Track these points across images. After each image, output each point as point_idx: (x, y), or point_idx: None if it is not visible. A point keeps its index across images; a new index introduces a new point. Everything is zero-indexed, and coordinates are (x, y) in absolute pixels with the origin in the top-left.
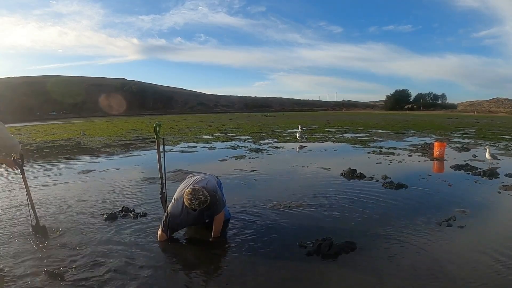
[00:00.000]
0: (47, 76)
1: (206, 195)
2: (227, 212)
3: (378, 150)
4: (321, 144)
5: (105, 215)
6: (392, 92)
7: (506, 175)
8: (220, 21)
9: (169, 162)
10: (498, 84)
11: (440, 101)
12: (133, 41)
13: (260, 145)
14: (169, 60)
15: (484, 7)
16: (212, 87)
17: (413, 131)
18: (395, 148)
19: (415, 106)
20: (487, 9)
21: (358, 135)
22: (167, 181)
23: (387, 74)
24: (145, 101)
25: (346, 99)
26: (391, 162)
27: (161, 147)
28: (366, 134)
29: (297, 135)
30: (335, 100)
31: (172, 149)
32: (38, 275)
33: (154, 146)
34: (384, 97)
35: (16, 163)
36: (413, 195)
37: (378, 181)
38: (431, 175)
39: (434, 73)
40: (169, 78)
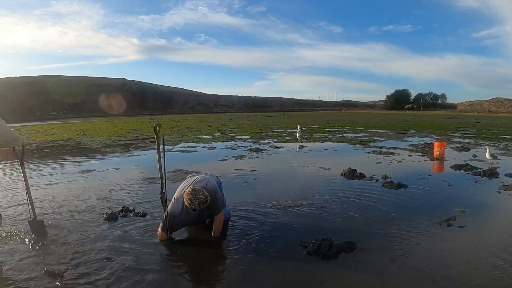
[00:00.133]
0: (47, 76)
1: (206, 195)
2: (227, 212)
3: (378, 150)
4: (321, 144)
5: (105, 215)
6: (392, 92)
7: (506, 175)
8: (220, 21)
9: (169, 162)
10: (498, 84)
11: (440, 101)
12: (133, 41)
13: (260, 145)
14: (169, 60)
15: (484, 7)
16: (212, 87)
17: (413, 131)
18: (395, 148)
19: (415, 106)
20: (487, 9)
21: (358, 135)
22: (167, 181)
23: (387, 74)
24: (145, 101)
25: (346, 99)
26: (391, 162)
27: (161, 147)
28: (366, 134)
29: (297, 135)
30: (335, 100)
31: (172, 149)
32: (38, 275)
33: (154, 146)
34: (384, 97)
35: (16, 155)
36: (413, 195)
37: (378, 181)
38: (431, 175)
39: (434, 73)
40: (169, 78)
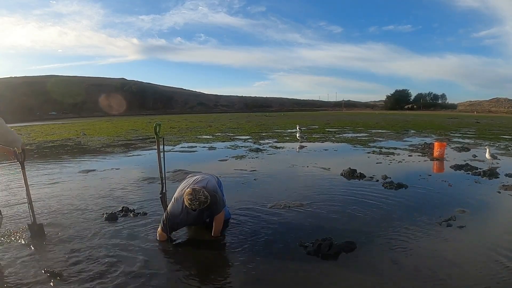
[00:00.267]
0: (47, 76)
1: (207, 195)
2: (227, 212)
3: (378, 150)
4: (321, 144)
5: (105, 215)
6: (392, 92)
7: (506, 175)
8: (220, 21)
9: (169, 162)
10: (498, 84)
11: (440, 101)
12: (133, 41)
13: (260, 145)
14: (169, 60)
15: (484, 7)
16: (212, 87)
17: (413, 131)
18: (395, 148)
19: (415, 106)
20: (487, 9)
21: (358, 135)
22: (167, 181)
23: (387, 74)
24: (145, 101)
25: (346, 99)
26: (391, 162)
27: (161, 147)
28: (366, 134)
29: (297, 135)
30: (335, 100)
31: (172, 149)
32: (38, 275)
33: (154, 146)
34: (384, 97)
35: (17, 157)
36: (413, 195)
37: (378, 181)
38: (431, 175)
39: (434, 73)
40: (169, 78)
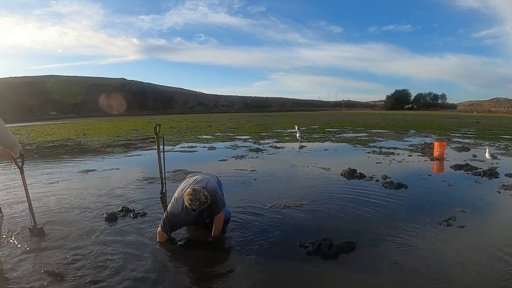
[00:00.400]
0: (47, 76)
1: (207, 195)
2: (227, 212)
3: (378, 150)
4: (321, 144)
5: (105, 215)
6: (392, 92)
7: (506, 175)
8: (220, 21)
9: (169, 162)
10: (498, 84)
11: (440, 101)
12: (133, 41)
13: (260, 145)
14: (169, 60)
15: (484, 7)
16: (212, 87)
17: (413, 131)
18: (395, 148)
19: (415, 106)
20: (487, 9)
21: (358, 135)
22: (167, 181)
23: (387, 74)
24: (145, 101)
25: (346, 99)
26: (391, 162)
27: (161, 147)
28: (366, 134)
29: (297, 135)
30: (335, 100)
31: (172, 149)
32: (38, 275)
33: (154, 146)
34: (384, 97)
35: (15, 163)
36: (413, 195)
37: (378, 181)
38: (431, 175)
39: (434, 73)
40: (169, 78)
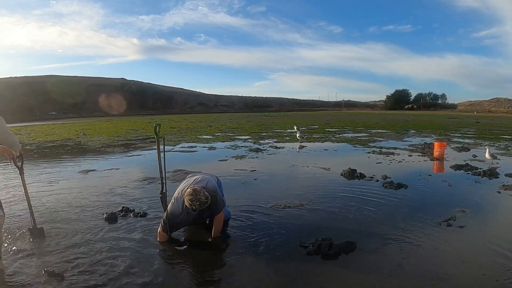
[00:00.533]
0: (47, 76)
1: (207, 196)
2: (227, 212)
3: (378, 150)
4: (321, 144)
5: (105, 215)
6: (392, 92)
7: (506, 175)
8: (220, 21)
9: (169, 162)
10: (498, 84)
11: (440, 101)
12: (133, 41)
13: (260, 145)
14: (169, 60)
15: (484, 7)
16: (212, 87)
17: (413, 131)
18: (395, 148)
19: (415, 106)
20: (487, 9)
21: (358, 135)
22: (167, 181)
23: (387, 74)
24: (145, 101)
25: (346, 99)
26: (391, 162)
27: (161, 147)
28: (366, 134)
29: (297, 135)
30: (335, 100)
31: (172, 149)
32: (38, 275)
33: (154, 146)
34: (384, 97)
35: (14, 162)
36: (413, 195)
37: (378, 181)
38: (431, 175)
39: (434, 73)
40: (169, 78)
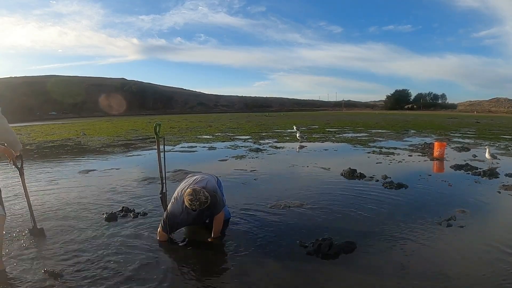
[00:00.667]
0: (47, 76)
1: (207, 196)
2: (227, 212)
3: (378, 150)
4: (321, 144)
5: (105, 215)
6: (392, 92)
7: (506, 175)
8: (220, 21)
9: (169, 162)
10: (498, 84)
11: (440, 101)
12: (133, 41)
13: (260, 145)
14: (169, 60)
15: (484, 7)
16: (212, 87)
17: (413, 131)
18: (395, 148)
19: (415, 106)
20: (487, 9)
21: (358, 135)
22: (167, 181)
23: (387, 74)
24: (145, 101)
25: (346, 99)
26: (391, 162)
27: (161, 147)
28: (366, 134)
29: (297, 135)
30: (335, 100)
31: (172, 149)
32: (38, 275)
33: (154, 146)
34: (384, 97)
35: (14, 163)
36: (413, 195)
37: (378, 181)
38: (431, 175)
39: (434, 73)
40: (169, 78)
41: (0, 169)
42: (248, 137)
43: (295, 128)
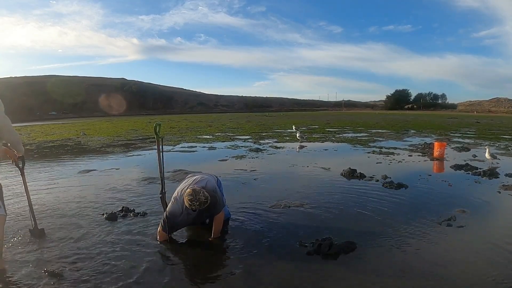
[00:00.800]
0: (47, 76)
1: (207, 196)
2: (227, 212)
3: (378, 150)
4: (321, 144)
5: (105, 215)
6: (392, 92)
7: (506, 175)
8: (220, 21)
9: (169, 162)
10: (498, 84)
11: (440, 101)
12: (133, 41)
13: (260, 145)
14: (169, 60)
15: (484, 7)
16: (212, 87)
17: (413, 131)
18: (395, 148)
19: (415, 106)
20: (487, 9)
21: (358, 135)
22: (167, 181)
23: (387, 74)
24: (145, 101)
25: (346, 99)
26: (391, 162)
27: (161, 147)
28: (366, 134)
29: (297, 135)
30: (335, 100)
31: (172, 149)
32: (39, 275)
33: (154, 146)
34: (384, 97)
35: (16, 163)
36: (413, 195)
37: (378, 181)
38: (431, 175)
39: (434, 73)
40: (169, 78)
41: (1, 169)
42: (248, 137)
43: (294, 128)
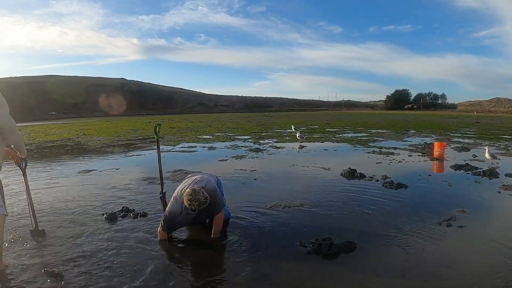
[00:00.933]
0: (47, 76)
1: (206, 196)
2: (227, 212)
3: (378, 150)
4: (321, 144)
5: (105, 215)
6: (392, 92)
7: (506, 175)
8: (220, 21)
9: (169, 162)
10: (498, 84)
11: (440, 101)
12: (133, 41)
13: (260, 145)
14: (169, 60)
15: (484, 7)
16: (212, 87)
17: (413, 131)
18: (395, 148)
19: (415, 106)
20: (487, 9)
21: (358, 135)
22: (167, 181)
23: (387, 74)
24: (145, 101)
25: (346, 99)
26: (391, 162)
27: (161, 147)
28: (366, 134)
29: (297, 135)
30: (335, 100)
31: (172, 149)
32: (38, 275)
33: (154, 146)
34: (384, 97)
35: (19, 165)
36: (413, 195)
37: (378, 181)
38: (431, 175)
39: (434, 73)
40: (169, 78)
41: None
42: (248, 137)
43: (293, 128)
